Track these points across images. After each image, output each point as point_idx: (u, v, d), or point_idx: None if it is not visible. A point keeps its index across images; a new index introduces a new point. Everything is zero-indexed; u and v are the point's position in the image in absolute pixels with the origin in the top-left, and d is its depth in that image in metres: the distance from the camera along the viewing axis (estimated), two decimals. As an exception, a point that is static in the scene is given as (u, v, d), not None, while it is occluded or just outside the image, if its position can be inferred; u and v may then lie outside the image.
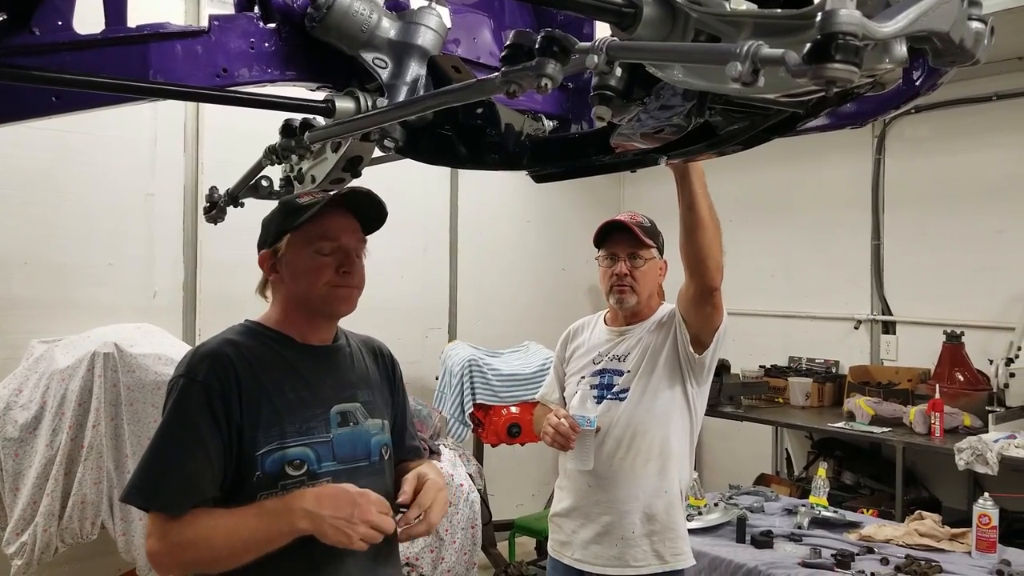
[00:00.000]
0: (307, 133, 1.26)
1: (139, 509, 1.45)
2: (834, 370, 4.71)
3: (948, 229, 4.35)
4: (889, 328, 4.61)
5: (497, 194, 5.12)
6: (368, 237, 1.58)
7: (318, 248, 1.49)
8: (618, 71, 1.00)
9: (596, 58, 0.86)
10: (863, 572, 2.49)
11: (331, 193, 1.50)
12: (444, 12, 1.58)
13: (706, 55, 0.77)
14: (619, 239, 2.25)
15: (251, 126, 2.07)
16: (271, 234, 1.54)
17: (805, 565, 2.54)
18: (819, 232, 4.86)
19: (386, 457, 1.57)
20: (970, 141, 4.30)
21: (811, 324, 4.90)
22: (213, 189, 1.82)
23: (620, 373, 2.21)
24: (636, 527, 2.13)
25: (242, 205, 1.82)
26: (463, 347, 4.36)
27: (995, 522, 2.63)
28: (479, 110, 1.60)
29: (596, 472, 2.16)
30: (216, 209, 1.81)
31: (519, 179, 1.60)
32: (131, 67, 1.30)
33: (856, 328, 4.69)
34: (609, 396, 2.20)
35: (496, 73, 0.95)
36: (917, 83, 1.37)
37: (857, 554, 2.62)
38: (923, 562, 2.54)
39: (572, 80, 1.70)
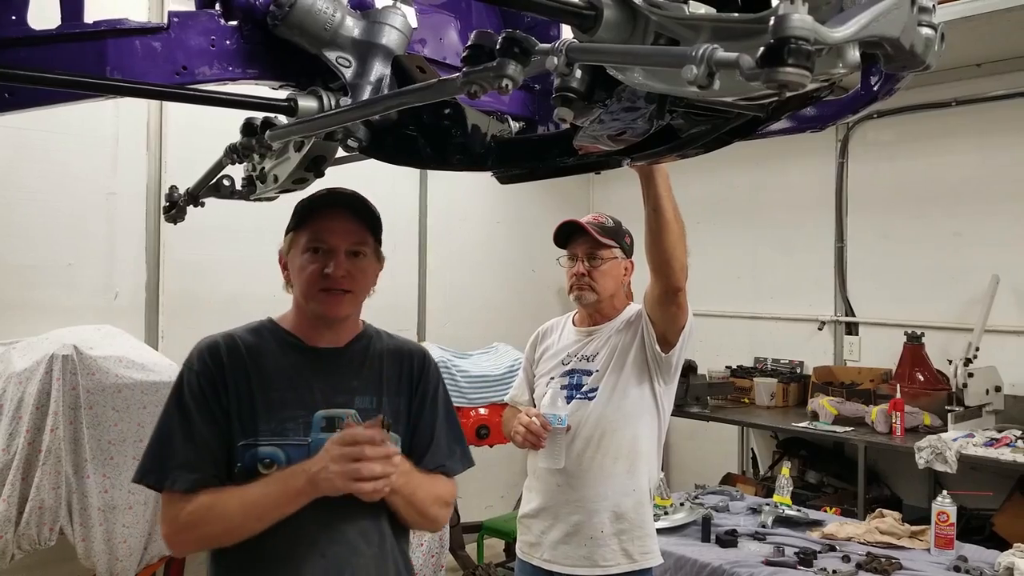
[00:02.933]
0: (267, 132, 1.24)
1: (152, 490, 1.50)
2: (799, 370, 4.78)
3: (909, 232, 4.43)
4: (852, 329, 4.68)
5: (467, 195, 5.12)
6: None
7: (310, 249, 1.51)
8: (579, 73, 1.01)
9: (556, 59, 0.86)
10: (825, 570, 2.52)
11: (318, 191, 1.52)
12: (410, 12, 1.57)
13: (662, 58, 0.78)
14: (579, 240, 2.28)
15: (216, 125, 2.03)
16: (285, 232, 1.57)
17: (768, 563, 2.57)
18: (784, 234, 4.92)
19: None
20: (930, 145, 4.38)
21: (776, 325, 4.96)
22: (173, 188, 1.80)
23: (589, 373, 2.23)
24: (605, 526, 2.14)
25: (202, 205, 1.79)
26: (431, 349, 4.34)
27: (953, 519, 2.68)
28: (446, 111, 1.60)
29: (566, 471, 2.17)
30: (176, 209, 1.78)
31: (489, 180, 1.60)
32: (87, 64, 1.28)
33: (820, 329, 4.76)
34: (579, 396, 2.21)
35: (457, 74, 0.95)
36: (875, 88, 1.39)
37: (819, 552, 2.66)
38: (883, 559, 2.58)
39: (538, 82, 1.70)
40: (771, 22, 0.66)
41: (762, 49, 0.66)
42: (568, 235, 2.31)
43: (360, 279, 1.54)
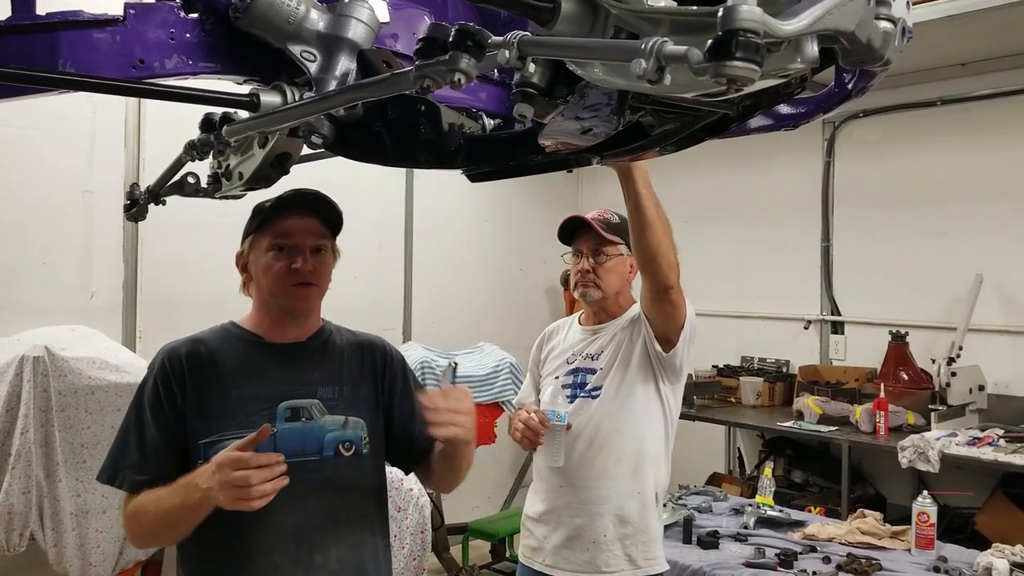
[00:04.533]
0: (224, 128, 1.21)
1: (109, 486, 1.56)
2: (785, 370, 4.77)
3: (894, 231, 4.43)
4: (838, 328, 4.68)
5: (453, 193, 5.08)
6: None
7: (272, 247, 1.55)
8: (538, 68, 0.98)
9: (507, 53, 0.83)
10: (805, 571, 2.51)
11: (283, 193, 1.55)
12: (379, 5, 1.54)
13: (613, 52, 0.75)
14: (583, 236, 2.23)
15: (195, 122, 1.99)
16: (244, 236, 1.61)
17: (749, 565, 2.55)
18: (771, 233, 4.91)
19: (347, 453, 1.57)
20: (915, 145, 4.38)
21: (763, 324, 4.95)
22: (134, 186, 1.76)
23: (593, 372, 2.18)
24: (608, 530, 2.08)
25: (163, 203, 1.76)
26: (416, 348, 4.31)
27: (933, 520, 2.67)
28: (421, 107, 1.56)
29: (567, 472, 2.12)
30: (137, 207, 1.74)
31: (476, 178, 1.59)
32: (39, 57, 1.24)
33: (806, 328, 4.75)
34: (582, 394, 2.16)
35: (409, 67, 0.92)
36: (849, 86, 1.37)
37: (800, 553, 2.64)
38: (864, 560, 2.56)
39: (513, 77, 1.67)
40: (719, 14, 0.63)
41: (710, 42, 0.63)
42: (573, 231, 2.26)
43: (323, 274, 1.59)
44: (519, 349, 4.98)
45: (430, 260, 4.99)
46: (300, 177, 1.93)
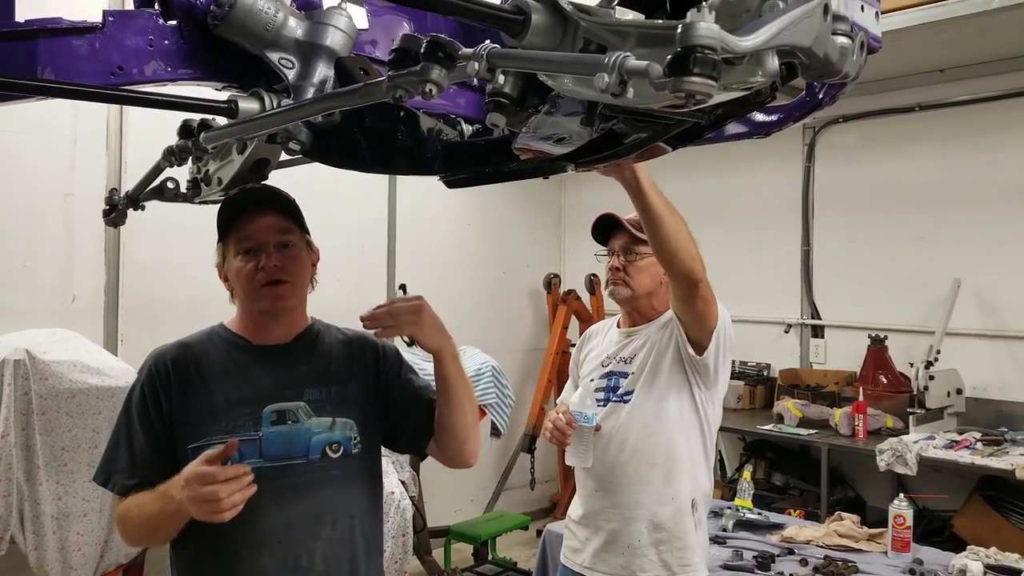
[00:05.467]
0: (202, 134, 1.22)
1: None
2: (765, 373, 4.81)
3: (874, 235, 4.48)
4: (818, 332, 4.72)
5: (436, 197, 5.07)
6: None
7: (239, 251, 1.55)
8: (509, 78, 1.00)
9: (477, 65, 0.85)
10: (782, 573, 2.53)
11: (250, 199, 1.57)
12: (357, 12, 1.55)
13: (577, 66, 0.77)
14: (616, 235, 2.24)
15: (177, 126, 2.00)
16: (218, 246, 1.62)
17: (727, 568, 2.57)
18: (752, 237, 4.95)
19: (334, 455, 1.57)
20: (894, 150, 4.43)
21: (744, 328, 4.94)
22: (113, 191, 1.77)
23: (626, 375, 2.17)
24: (643, 535, 2.08)
25: (143, 208, 1.76)
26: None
27: (909, 522, 2.70)
28: (400, 114, 1.58)
29: (600, 477, 2.13)
30: (116, 212, 1.75)
31: (459, 182, 1.60)
32: (18, 64, 1.24)
33: (787, 332, 4.80)
34: (614, 398, 2.15)
35: (382, 77, 0.94)
36: (820, 94, 1.39)
37: (778, 555, 2.67)
38: (840, 562, 2.59)
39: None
40: (678, 31, 0.65)
41: (668, 58, 0.65)
42: (606, 231, 2.26)
43: (295, 269, 1.57)
44: (502, 352, 5.00)
45: (413, 264, 5.00)
46: (282, 181, 1.94)
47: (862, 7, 1.21)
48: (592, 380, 2.23)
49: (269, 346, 1.60)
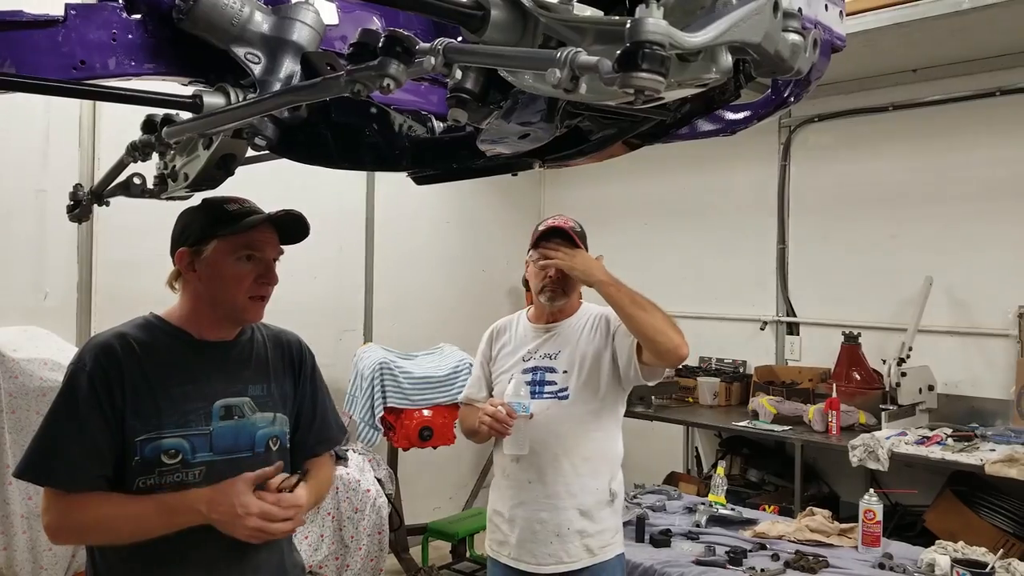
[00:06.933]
0: (164, 128, 1.21)
1: (36, 484, 1.55)
2: (741, 370, 4.84)
3: (847, 233, 4.52)
4: (793, 329, 4.76)
5: (415, 194, 4.97)
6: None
7: (243, 257, 1.57)
8: (471, 74, 1.00)
9: (434, 60, 0.85)
10: (754, 568, 2.55)
11: (261, 210, 1.60)
12: (326, 8, 1.55)
13: (529, 60, 0.77)
14: (554, 241, 2.29)
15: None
16: (193, 234, 1.59)
17: (699, 563, 2.59)
18: (728, 236, 4.98)
19: (274, 448, 1.64)
20: (868, 150, 4.47)
21: (720, 325, 5.02)
22: (77, 187, 1.75)
23: (553, 371, 2.29)
24: (571, 523, 2.21)
25: (107, 204, 1.75)
26: (375, 350, 4.30)
27: (879, 517, 2.74)
28: (372, 111, 1.57)
29: (538, 468, 2.23)
30: (80, 208, 1.73)
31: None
32: (-25, 57, 1.23)
33: (762, 329, 4.83)
34: (548, 395, 2.27)
35: (341, 72, 0.93)
36: (785, 92, 1.40)
37: (750, 551, 2.69)
38: (811, 557, 2.62)
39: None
40: (627, 26, 0.65)
41: (618, 53, 0.65)
42: (543, 236, 2.33)
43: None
44: (481, 350, 5.00)
45: (391, 261, 4.98)
46: (258, 176, 1.92)
47: (826, 6, 1.22)
48: (514, 375, 2.32)
49: (213, 342, 1.62)
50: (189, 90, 1.43)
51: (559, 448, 2.23)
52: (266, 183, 1.62)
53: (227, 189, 1.71)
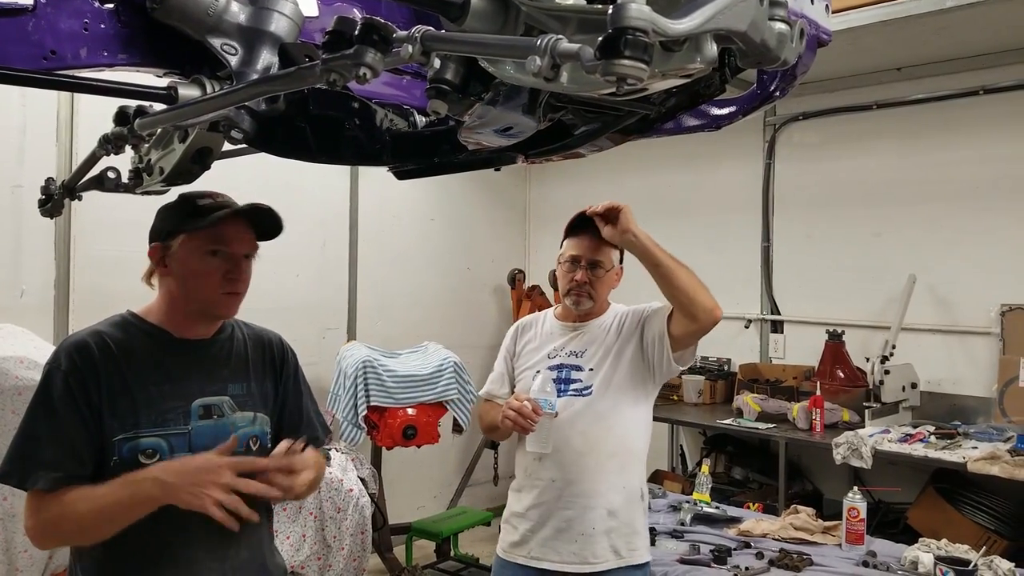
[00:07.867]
0: (137, 120, 1.18)
1: (19, 489, 1.52)
2: (726, 368, 4.84)
3: (832, 232, 4.53)
4: (777, 327, 4.77)
5: (400, 191, 5.02)
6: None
7: (210, 252, 1.54)
8: (451, 64, 0.98)
9: (411, 48, 0.82)
10: (738, 566, 2.55)
11: (237, 205, 1.56)
12: (305, -1, 1.52)
13: (509, 48, 0.75)
14: (584, 242, 2.27)
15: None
16: (165, 229, 1.57)
17: (683, 561, 2.58)
18: (712, 233, 4.98)
19: (255, 448, 1.62)
20: (852, 148, 4.48)
21: (705, 323, 5.01)
22: (49, 180, 1.71)
23: (579, 368, 2.25)
24: (597, 523, 2.16)
25: (79, 198, 1.71)
26: (359, 348, 4.26)
27: (863, 515, 2.74)
28: (355, 104, 1.54)
29: (562, 467, 2.18)
30: (52, 203, 1.69)
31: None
32: (-59, 47, 1.19)
33: (747, 327, 4.84)
34: (572, 392, 2.22)
35: (316, 61, 0.91)
36: (771, 87, 1.39)
37: (734, 549, 2.68)
38: (795, 555, 2.62)
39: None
40: (609, 13, 0.63)
41: (599, 40, 0.63)
42: (574, 227, 2.31)
43: (249, 282, 1.61)
44: (466, 348, 4.97)
45: (376, 258, 4.94)
46: (240, 172, 1.88)
47: (812, 0, 1.21)
48: (540, 371, 2.26)
49: (192, 340, 1.60)
50: (164, 82, 1.40)
51: (584, 446, 2.18)
52: (246, 179, 1.59)
53: (209, 185, 1.68)
